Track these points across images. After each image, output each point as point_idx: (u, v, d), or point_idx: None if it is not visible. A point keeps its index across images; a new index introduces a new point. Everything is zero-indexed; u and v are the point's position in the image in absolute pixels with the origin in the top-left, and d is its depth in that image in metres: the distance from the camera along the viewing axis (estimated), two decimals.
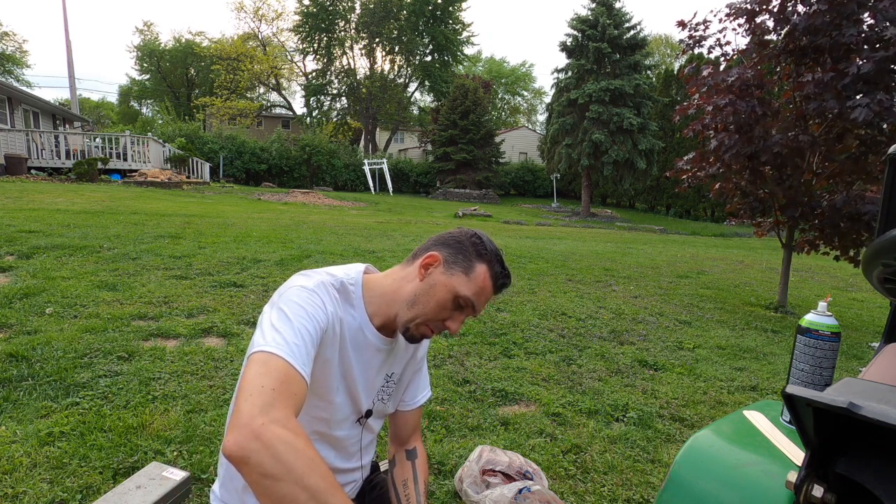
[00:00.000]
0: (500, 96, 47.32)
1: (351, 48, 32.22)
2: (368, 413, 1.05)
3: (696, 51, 5.33)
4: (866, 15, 4.35)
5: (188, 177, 17.06)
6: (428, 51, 32.85)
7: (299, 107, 37.72)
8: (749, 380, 3.12)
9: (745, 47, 5.02)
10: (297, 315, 0.81)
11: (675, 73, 23.93)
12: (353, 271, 0.99)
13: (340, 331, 0.92)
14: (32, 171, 13.23)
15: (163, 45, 39.19)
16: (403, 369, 1.12)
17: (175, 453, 1.83)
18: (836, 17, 4.31)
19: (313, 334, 0.81)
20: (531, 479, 1.76)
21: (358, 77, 32.19)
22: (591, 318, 4.20)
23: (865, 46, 4.26)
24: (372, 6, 30.31)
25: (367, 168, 23.89)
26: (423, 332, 0.96)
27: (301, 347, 0.77)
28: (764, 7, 4.78)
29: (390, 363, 1.06)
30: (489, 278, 0.94)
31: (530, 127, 43.23)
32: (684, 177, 5.46)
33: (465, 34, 32.90)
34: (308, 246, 5.96)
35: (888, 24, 4.12)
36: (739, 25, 4.97)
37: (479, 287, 0.93)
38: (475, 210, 17.88)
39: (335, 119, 33.45)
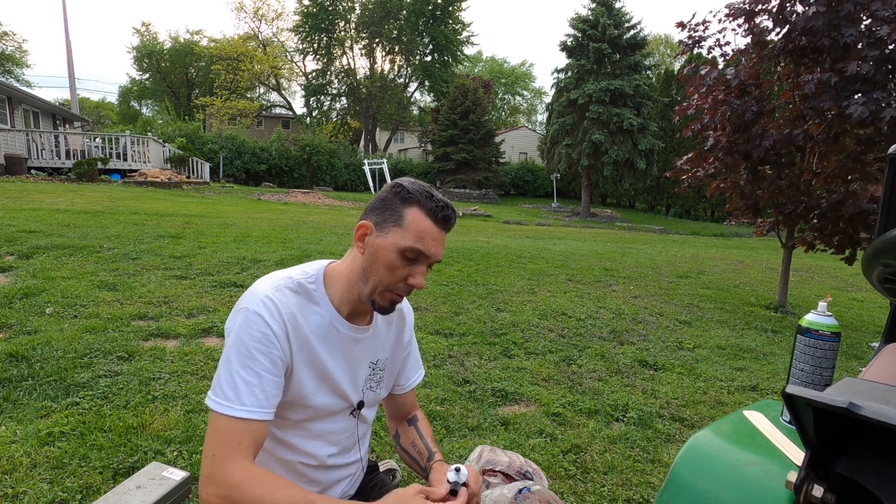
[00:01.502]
0: (500, 96, 47.32)
1: (351, 48, 32.25)
2: (360, 404, 1.05)
3: (696, 51, 5.33)
4: (864, 15, 4.35)
5: (188, 177, 17.06)
6: (428, 51, 32.86)
7: (299, 107, 37.79)
8: (749, 380, 3.12)
9: (744, 47, 5.02)
10: (241, 354, 0.86)
11: (675, 73, 23.94)
12: (311, 269, 0.98)
13: (297, 336, 0.91)
14: (32, 171, 13.22)
15: (162, 44, 39.17)
16: (391, 354, 1.11)
17: (175, 453, 1.83)
18: (834, 18, 4.31)
19: (259, 368, 0.86)
20: (531, 479, 1.76)
21: (358, 77, 32.21)
22: (591, 318, 4.20)
23: (860, 46, 4.27)
24: (372, 6, 30.32)
25: (367, 168, 23.86)
26: (390, 298, 0.94)
27: (243, 388, 0.84)
28: (762, 7, 4.78)
29: (373, 351, 1.05)
30: (425, 217, 0.90)
31: (530, 127, 43.22)
32: (684, 177, 5.47)
33: (464, 34, 32.94)
34: (308, 246, 5.96)
35: (883, 24, 4.13)
36: (739, 26, 4.97)
37: (419, 231, 0.89)
38: (475, 210, 17.87)
39: (335, 119, 33.47)
